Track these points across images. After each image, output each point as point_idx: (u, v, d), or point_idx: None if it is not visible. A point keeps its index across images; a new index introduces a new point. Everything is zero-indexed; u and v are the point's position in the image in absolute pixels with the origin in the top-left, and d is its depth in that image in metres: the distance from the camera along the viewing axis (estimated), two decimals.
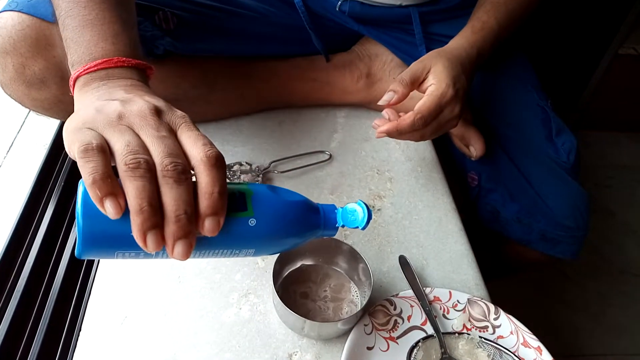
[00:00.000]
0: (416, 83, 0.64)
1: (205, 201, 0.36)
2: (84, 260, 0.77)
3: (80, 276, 0.75)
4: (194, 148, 0.38)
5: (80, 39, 0.46)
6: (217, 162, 0.37)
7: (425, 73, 0.64)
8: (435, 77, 0.63)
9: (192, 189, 0.37)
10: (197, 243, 0.38)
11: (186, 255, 0.36)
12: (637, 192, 1.64)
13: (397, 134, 0.63)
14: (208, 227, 0.37)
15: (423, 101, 0.62)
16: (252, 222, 0.41)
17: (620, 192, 1.64)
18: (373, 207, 0.72)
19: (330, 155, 0.78)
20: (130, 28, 0.49)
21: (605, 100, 1.71)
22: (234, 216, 0.40)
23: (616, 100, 1.73)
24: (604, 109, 1.75)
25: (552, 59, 1.57)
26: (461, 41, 0.68)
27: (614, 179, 1.68)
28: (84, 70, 0.44)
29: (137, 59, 0.46)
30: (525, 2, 0.72)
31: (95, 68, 0.44)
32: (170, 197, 0.36)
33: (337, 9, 0.77)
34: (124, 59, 0.45)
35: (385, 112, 0.65)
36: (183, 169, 0.36)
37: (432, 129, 0.64)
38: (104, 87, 0.43)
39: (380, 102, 0.64)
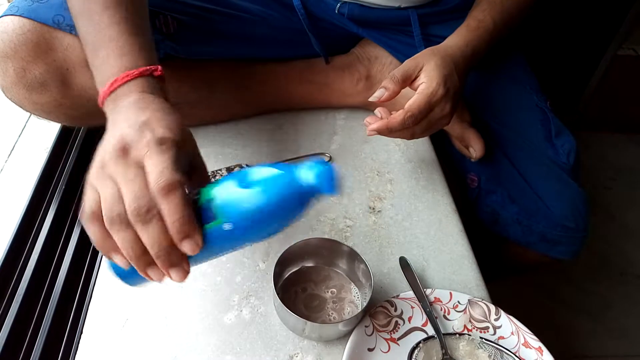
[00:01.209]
0: (408, 80, 0.64)
1: (172, 230, 0.40)
2: (85, 263, 0.78)
3: (81, 279, 0.75)
4: (150, 182, 0.40)
5: (94, 62, 0.50)
6: (167, 190, 0.39)
7: (418, 71, 0.64)
8: (427, 76, 0.63)
9: (162, 224, 0.40)
10: (192, 258, 0.42)
11: (183, 278, 0.41)
12: (638, 194, 1.64)
13: (387, 131, 0.63)
14: (187, 249, 0.40)
15: (414, 99, 0.62)
16: (227, 226, 0.42)
17: (621, 193, 1.63)
18: (373, 208, 0.72)
19: (330, 157, 0.78)
20: (140, 33, 0.51)
21: (605, 102, 1.71)
22: (208, 228, 0.42)
23: (616, 101, 1.73)
24: (603, 110, 1.75)
25: (551, 60, 1.58)
26: (456, 39, 0.68)
27: (614, 180, 1.68)
28: (102, 100, 0.49)
29: (145, 63, 0.49)
30: (521, 2, 0.72)
31: (108, 92, 0.48)
32: (145, 238, 0.40)
33: (336, 12, 0.78)
34: (127, 73, 0.47)
35: (378, 111, 0.65)
36: (147, 209, 0.39)
37: (423, 127, 0.64)
38: (113, 115, 0.47)
39: (371, 99, 0.64)
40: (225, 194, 0.42)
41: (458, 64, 0.65)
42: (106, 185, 0.41)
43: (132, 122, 0.43)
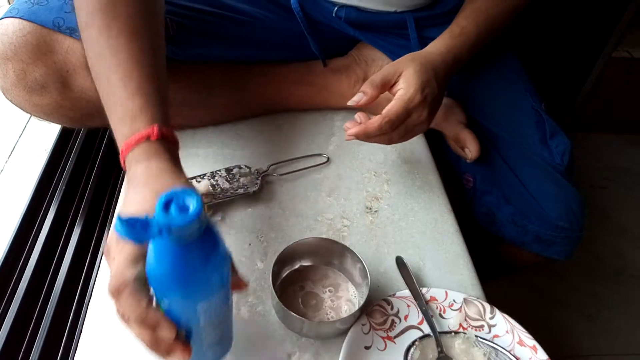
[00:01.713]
0: (387, 85, 0.65)
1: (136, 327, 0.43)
2: (85, 263, 0.78)
3: (81, 279, 0.75)
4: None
5: (113, 122, 0.53)
6: (117, 292, 0.43)
7: (397, 76, 0.64)
8: (405, 82, 0.63)
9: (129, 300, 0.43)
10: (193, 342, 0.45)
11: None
12: (632, 194, 1.65)
13: (365, 137, 0.64)
14: (163, 337, 0.43)
15: (391, 105, 0.63)
16: (166, 301, 0.43)
17: (616, 194, 1.65)
18: (370, 208, 0.73)
19: (328, 158, 0.79)
20: (142, 93, 0.52)
21: (600, 103, 1.72)
22: (163, 311, 0.44)
23: (610, 103, 1.74)
24: (598, 112, 1.76)
25: (546, 61, 1.59)
26: (438, 45, 0.69)
27: (608, 180, 1.69)
28: (123, 163, 0.51)
29: (144, 125, 0.50)
30: (507, 10, 0.72)
31: (123, 159, 0.51)
32: (133, 331, 0.44)
33: (334, 15, 0.78)
34: (127, 143, 0.50)
35: (357, 115, 0.66)
36: (122, 314, 0.43)
37: (400, 133, 0.64)
38: (127, 182, 0.50)
39: (349, 103, 0.65)
40: (147, 268, 0.42)
41: (438, 71, 0.66)
42: (111, 263, 0.45)
43: (130, 208, 0.46)
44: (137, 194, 0.47)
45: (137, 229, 0.36)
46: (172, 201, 0.37)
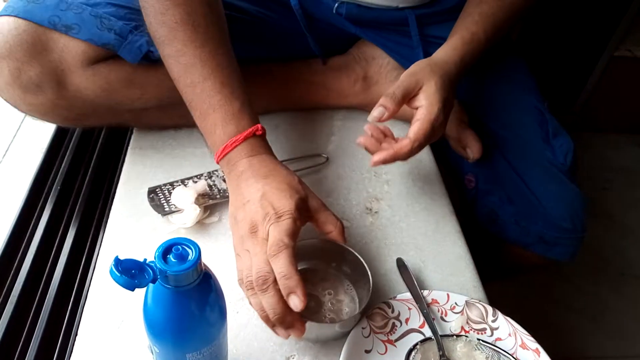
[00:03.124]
0: (407, 98, 0.63)
1: (281, 285, 0.49)
2: (81, 264, 0.77)
3: (77, 280, 0.75)
4: (267, 251, 0.50)
5: (203, 127, 0.60)
6: (276, 252, 0.49)
7: (417, 89, 0.63)
8: (427, 99, 0.62)
9: (275, 293, 0.49)
10: None
11: (300, 335, 0.51)
12: (635, 194, 1.65)
13: (392, 160, 0.63)
14: (293, 304, 0.48)
15: (418, 128, 0.62)
16: (155, 349, 0.44)
17: (619, 194, 1.64)
18: (370, 209, 0.72)
19: (327, 158, 0.78)
20: (238, 96, 0.59)
21: (602, 102, 1.72)
22: None
23: (613, 102, 1.73)
24: (600, 111, 1.75)
25: (548, 61, 1.58)
26: (451, 54, 0.67)
27: (611, 180, 1.68)
28: (217, 160, 0.59)
29: (248, 125, 0.58)
30: (513, 13, 0.71)
31: (222, 156, 0.58)
32: (265, 304, 0.49)
33: (334, 12, 0.78)
34: (234, 140, 0.57)
35: (369, 129, 0.66)
36: (264, 280, 0.49)
37: (422, 147, 0.64)
38: (231, 177, 0.58)
39: (370, 119, 0.63)
40: (143, 310, 0.43)
41: (453, 82, 0.65)
42: (245, 256, 0.52)
43: (253, 197, 0.54)
44: (255, 187, 0.54)
45: (132, 272, 0.37)
46: (172, 248, 0.38)
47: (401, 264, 0.64)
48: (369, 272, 0.56)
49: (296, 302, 0.48)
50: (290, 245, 0.50)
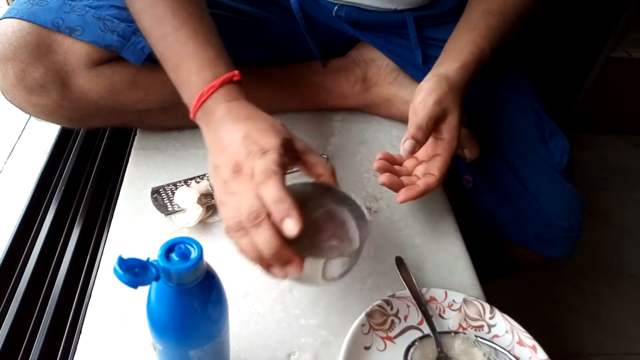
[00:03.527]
0: (434, 126, 0.62)
1: (273, 211, 0.45)
2: (85, 263, 0.78)
3: (81, 278, 0.76)
4: (255, 181, 0.47)
5: (177, 79, 0.57)
6: (265, 178, 0.46)
7: (445, 118, 0.62)
8: (449, 132, 0.62)
9: (269, 227, 0.45)
10: None
11: (299, 273, 0.47)
12: (632, 194, 1.65)
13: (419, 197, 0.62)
14: (287, 229, 0.45)
15: (441, 164, 0.61)
16: (158, 346, 0.44)
17: (615, 194, 1.64)
18: (370, 209, 0.73)
19: (327, 159, 0.79)
20: (212, 44, 0.57)
21: (599, 103, 1.72)
22: None
23: (609, 103, 1.74)
24: (597, 112, 1.76)
25: (545, 62, 1.59)
26: (464, 72, 0.65)
27: (608, 180, 1.69)
28: (193, 114, 0.55)
29: (224, 71, 0.55)
30: (515, 27, 0.70)
31: (198, 106, 0.54)
32: (258, 241, 0.45)
33: (334, 14, 0.78)
34: (211, 85, 0.53)
35: (379, 168, 0.64)
36: (256, 215, 0.45)
37: None
38: (209, 126, 0.54)
39: (403, 153, 0.62)
40: (146, 308, 0.43)
41: (464, 100, 0.65)
42: (230, 200, 0.48)
43: (234, 139, 0.50)
44: (236, 129, 0.51)
45: (135, 271, 0.37)
46: (174, 247, 0.38)
47: (400, 262, 0.64)
48: (365, 211, 0.53)
49: (291, 226, 0.44)
50: (279, 172, 0.47)
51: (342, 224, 0.55)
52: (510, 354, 0.57)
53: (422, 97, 0.62)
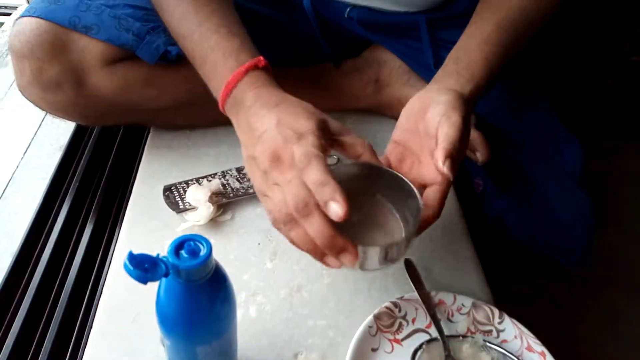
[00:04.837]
0: None
1: (317, 196, 0.44)
2: (97, 259, 0.79)
3: (93, 274, 0.76)
4: (298, 168, 0.46)
5: (205, 72, 0.57)
6: (307, 163, 0.45)
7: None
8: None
9: (320, 215, 0.44)
10: None
11: (353, 262, 0.46)
12: None
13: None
14: (333, 213, 0.43)
15: (440, 194, 0.57)
16: (166, 342, 0.45)
17: (630, 201, 1.62)
18: None
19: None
20: (236, 34, 0.57)
21: (614, 109, 1.70)
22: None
23: (626, 108, 1.72)
24: (613, 117, 1.74)
25: (561, 66, 1.57)
26: (476, 95, 0.61)
27: (623, 187, 1.66)
28: (222, 105, 0.55)
29: (248, 57, 0.55)
30: (528, 41, 0.66)
31: (226, 96, 0.54)
32: (310, 231, 0.45)
33: (346, 16, 0.78)
34: (236, 73, 0.53)
35: None
36: (305, 204, 0.44)
37: None
38: (240, 116, 0.53)
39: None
40: (156, 304, 0.44)
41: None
42: (274, 191, 0.47)
43: (267, 127, 0.49)
44: (268, 117, 0.50)
45: (145, 267, 0.38)
46: (184, 244, 0.39)
47: (409, 265, 0.64)
48: (415, 190, 0.50)
49: (337, 209, 0.43)
50: (320, 155, 0.46)
51: (393, 206, 0.54)
52: (519, 359, 0.56)
53: (444, 112, 0.54)
